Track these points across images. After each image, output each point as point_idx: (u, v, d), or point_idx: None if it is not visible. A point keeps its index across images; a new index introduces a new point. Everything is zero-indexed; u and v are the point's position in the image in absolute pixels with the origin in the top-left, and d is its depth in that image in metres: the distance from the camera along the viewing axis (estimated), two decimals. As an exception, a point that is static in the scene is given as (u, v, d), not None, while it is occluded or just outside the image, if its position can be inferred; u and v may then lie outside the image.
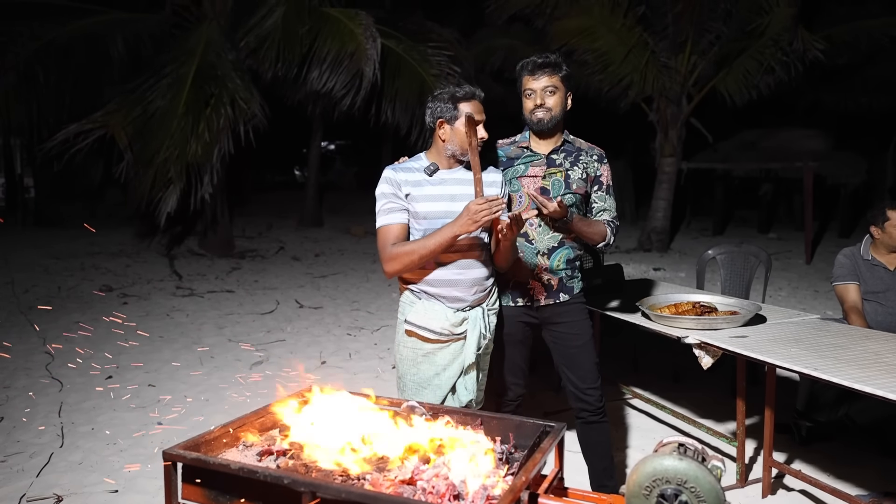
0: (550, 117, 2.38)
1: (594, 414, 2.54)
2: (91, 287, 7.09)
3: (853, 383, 1.94)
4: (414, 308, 2.29)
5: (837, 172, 10.79)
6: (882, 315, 3.25)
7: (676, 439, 1.37)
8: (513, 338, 2.54)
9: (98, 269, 8.02)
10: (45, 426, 3.57)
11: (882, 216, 3.27)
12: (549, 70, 2.35)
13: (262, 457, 1.56)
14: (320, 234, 11.56)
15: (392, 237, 2.21)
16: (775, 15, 8.24)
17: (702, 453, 1.34)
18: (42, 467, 3.09)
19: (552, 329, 2.55)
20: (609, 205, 2.51)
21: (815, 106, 12.43)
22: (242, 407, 3.84)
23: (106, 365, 4.58)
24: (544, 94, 2.37)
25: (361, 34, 7.22)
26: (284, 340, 5.31)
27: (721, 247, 4.18)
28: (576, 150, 2.50)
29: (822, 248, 10.08)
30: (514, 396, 2.60)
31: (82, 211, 12.42)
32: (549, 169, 2.45)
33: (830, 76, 11.20)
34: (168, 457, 1.45)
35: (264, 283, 7.59)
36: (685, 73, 9.29)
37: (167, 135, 7.38)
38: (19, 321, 5.71)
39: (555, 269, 2.47)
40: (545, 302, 2.48)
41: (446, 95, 2.24)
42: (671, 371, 4.27)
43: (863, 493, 2.76)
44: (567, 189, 2.44)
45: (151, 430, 3.54)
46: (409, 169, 2.30)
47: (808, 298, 6.97)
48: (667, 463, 1.22)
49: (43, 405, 3.86)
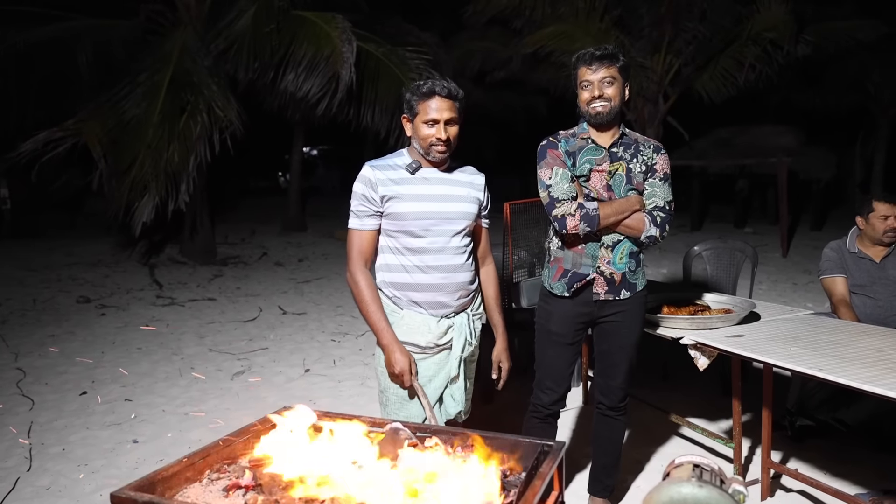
0: (609, 108, 2.19)
1: (613, 410, 2.42)
2: (67, 299, 6.79)
3: (862, 384, 1.80)
4: (395, 322, 2.10)
5: (809, 168, 10.82)
6: (870, 308, 3.13)
7: (691, 459, 1.20)
8: (563, 339, 2.34)
9: (75, 281, 7.70)
10: (13, 448, 3.32)
11: (868, 206, 3.16)
12: (606, 61, 2.17)
13: (229, 492, 1.36)
14: (304, 238, 11.32)
15: (362, 242, 2.10)
16: (759, 15, 8.19)
17: (719, 475, 1.18)
18: (6, 494, 2.85)
19: (604, 324, 2.35)
20: (662, 192, 2.26)
21: (786, 104, 12.48)
22: (223, 419, 3.64)
23: (81, 380, 4.35)
24: (602, 84, 2.18)
25: (338, 37, 7.00)
26: (267, 349, 5.09)
27: (707, 242, 4.05)
28: (634, 142, 2.30)
29: (796, 242, 10.08)
30: (548, 402, 2.39)
31: (60, 222, 12.02)
32: (613, 164, 2.26)
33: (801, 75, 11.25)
34: (116, 501, 1.24)
35: (247, 290, 7.33)
36: (662, 72, 9.22)
37: (142, 144, 7.08)
38: (-8, 337, 5.42)
39: (617, 263, 2.27)
40: (605, 297, 2.28)
41: (410, 91, 2.07)
42: (660, 368, 4.13)
43: (862, 491, 2.64)
44: (628, 184, 2.24)
45: (126, 448, 3.32)
46: (391, 166, 2.11)
47: (787, 291, 6.90)
48: (685, 491, 1.05)
49: (12, 425, 3.60)
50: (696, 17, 8.65)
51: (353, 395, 4.05)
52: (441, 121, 2.01)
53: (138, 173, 7.05)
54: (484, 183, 2.23)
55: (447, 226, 2.09)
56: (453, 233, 2.10)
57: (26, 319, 5.96)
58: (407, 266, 2.09)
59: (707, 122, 11.65)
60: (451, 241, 2.10)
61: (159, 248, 9.43)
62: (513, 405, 3.42)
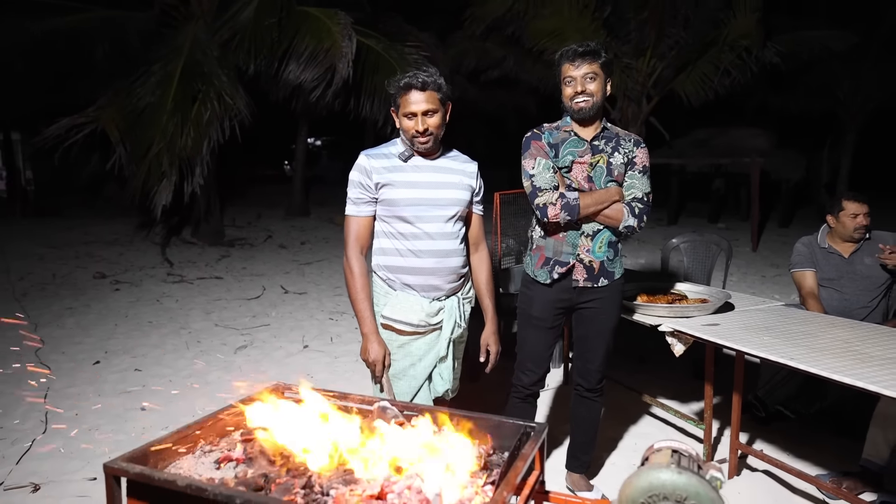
0: (592, 104, 2.12)
1: (590, 391, 2.38)
2: (84, 274, 6.69)
3: (832, 374, 1.74)
4: (389, 301, 2.04)
5: (780, 168, 10.77)
6: (837, 300, 3.09)
7: (669, 445, 1.14)
8: (543, 323, 2.29)
9: (92, 258, 7.60)
10: (30, 412, 3.28)
11: (838, 205, 3.10)
12: (589, 58, 2.09)
13: (221, 464, 1.29)
14: (306, 223, 11.22)
15: (359, 228, 2.03)
16: (735, 22, 8.10)
17: (697, 461, 1.12)
18: (22, 454, 2.81)
19: (582, 309, 2.29)
20: (640, 184, 2.19)
21: (762, 107, 12.39)
22: (226, 390, 3.58)
23: (94, 350, 4.28)
24: (584, 81, 2.10)
25: (338, 32, 6.87)
26: (269, 325, 5.02)
27: (684, 235, 3.99)
28: (615, 136, 2.23)
29: (765, 237, 10.05)
30: (528, 383, 2.35)
31: (80, 203, 11.91)
32: (594, 156, 2.19)
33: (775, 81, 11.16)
34: (109, 471, 1.17)
35: (252, 270, 7.24)
36: (646, 74, 9.11)
37: (157, 129, 6.96)
38: (13, 308, 5.33)
39: (597, 252, 2.20)
40: (584, 284, 2.22)
41: (391, 85, 1.99)
42: (637, 353, 4.09)
43: (822, 472, 2.60)
44: (609, 176, 2.18)
45: (135, 415, 3.27)
46: (385, 155, 2.03)
47: (756, 283, 6.86)
48: (664, 476, 0.99)
49: (30, 390, 3.55)
50: (680, 24, 8.54)
51: (348, 370, 3.99)
52: (419, 113, 1.93)
53: (155, 158, 6.93)
54: (476, 170, 2.16)
55: (438, 211, 2.02)
56: (445, 218, 2.03)
57: (46, 293, 5.88)
58: (401, 250, 2.03)
59: (687, 124, 11.57)
60: (442, 227, 2.03)
61: (176, 230, 9.32)
62: (498, 384, 3.38)
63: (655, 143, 11.12)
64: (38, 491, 2.50)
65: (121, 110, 7.12)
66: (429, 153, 2.04)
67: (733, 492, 2.48)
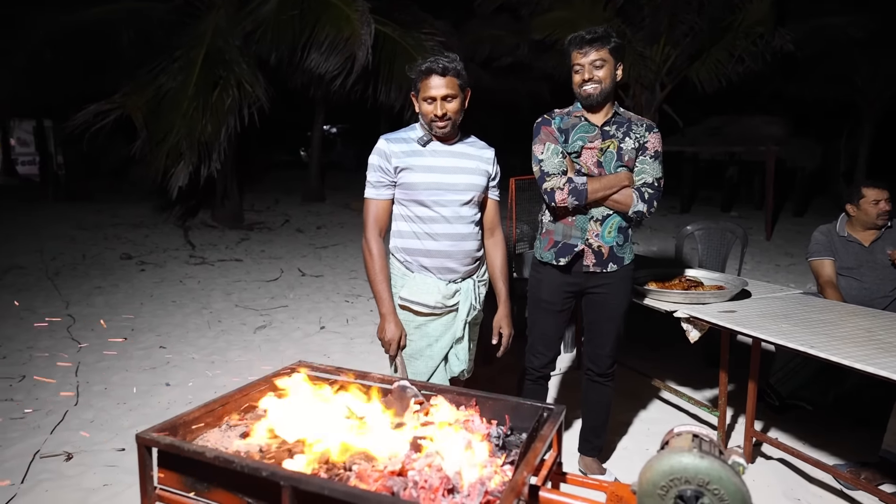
0: (599, 91, 2.07)
1: (601, 376, 2.36)
2: (112, 255, 6.79)
3: (854, 363, 1.70)
4: (407, 283, 2.02)
5: (795, 157, 10.54)
6: (857, 290, 3.01)
7: (689, 429, 1.12)
8: (552, 306, 2.26)
9: (119, 239, 7.69)
10: (62, 385, 3.35)
11: (858, 194, 3.02)
12: (597, 44, 2.03)
13: (245, 438, 1.30)
14: (322, 208, 11.24)
15: (378, 211, 2.02)
16: (749, 9, 7.88)
17: (718, 446, 1.09)
18: (56, 424, 2.89)
19: (591, 294, 2.26)
20: (651, 169, 2.12)
21: (776, 95, 12.09)
22: (245, 369, 3.62)
23: (122, 328, 4.34)
24: (592, 67, 2.05)
25: (357, 20, 6.81)
26: (287, 306, 5.05)
27: (699, 223, 3.91)
28: (627, 120, 2.17)
29: (779, 226, 9.87)
30: (539, 365, 2.34)
31: (107, 186, 12.05)
32: (605, 142, 2.14)
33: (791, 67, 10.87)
34: (141, 441, 1.18)
35: (270, 253, 7.28)
36: (659, 62, 8.93)
37: (178, 114, 6.99)
38: (46, 286, 5.44)
39: (606, 237, 2.17)
40: (593, 269, 2.19)
41: (412, 70, 1.97)
42: (651, 340, 4.04)
43: (839, 461, 2.55)
44: (619, 161, 2.13)
45: (159, 390, 3.32)
46: (404, 140, 2.01)
47: (770, 272, 6.75)
48: (686, 461, 0.97)
49: (62, 365, 3.64)
50: (695, 10, 8.34)
51: (364, 351, 4.01)
52: (438, 98, 1.91)
53: (174, 141, 6.97)
54: (493, 156, 2.13)
55: (455, 196, 2.00)
56: (461, 203, 2.01)
57: (76, 272, 5.97)
58: (418, 233, 2.02)
59: (701, 111, 11.35)
60: (459, 211, 2.01)
61: (193, 212, 9.40)
62: (510, 366, 3.37)
63: (669, 131, 10.95)
64: (71, 459, 2.56)
65: (145, 96, 7.16)
66: (447, 138, 2.01)
67: (747, 479, 2.45)
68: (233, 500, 1.13)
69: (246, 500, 1.12)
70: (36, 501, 2.27)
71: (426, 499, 1.05)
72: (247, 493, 1.12)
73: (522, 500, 1.04)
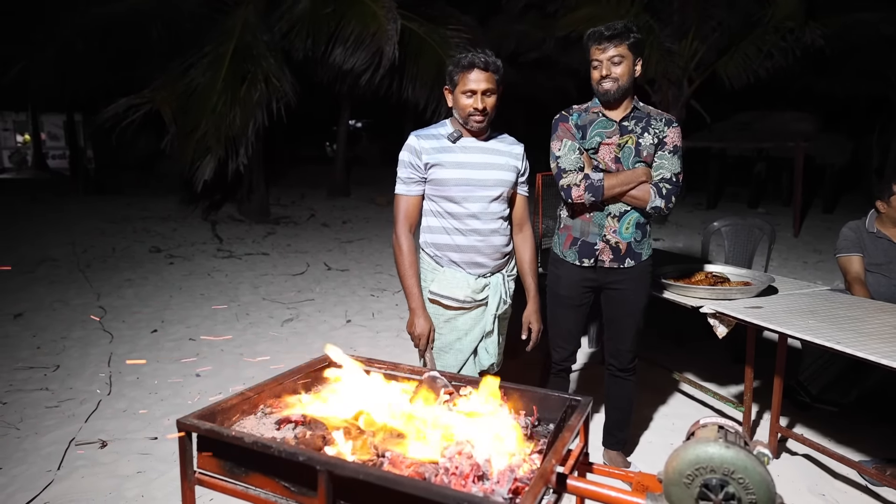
0: (617, 87, 2.07)
1: (622, 371, 2.37)
2: (141, 248, 6.96)
3: (881, 359, 1.68)
4: (437, 277, 2.06)
5: (825, 153, 10.30)
6: (885, 286, 2.96)
7: (715, 421, 1.13)
8: (571, 301, 2.28)
9: (148, 233, 7.88)
10: (96, 375, 3.45)
11: (888, 190, 2.96)
12: (616, 40, 2.03)
13: (281, 425, 1.35)
14: (348, 203, 11.34)
15: (408, 207, 2.05)
16: (778, 4, 7.72)
17: (743, 437, 1.11)
18: (91, 413, 2.97)
19: (610, 291, 2.27)
20: (670, 164, 2.10)
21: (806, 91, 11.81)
22: (273, 360, 3.69)
23: (152, 320, 4.46)
24: (610, 63, 2.05)
25: (383, 16, 6.85)
26: (313, 300, 5.13)
27: (726, 219, 3.87)
28: (646, 115, 2.17)
29: (808, 223, 9.67)
30: (559, 359, 2.37)
31: (136, 180, 12.30)
32: (623, 137, 2.14)
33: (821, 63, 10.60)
34: (182, 427, 1.24)
35: (296, 247, 7.39)
36: (687, 57, 8.80)
37: (207, 108, 7.12)
38: (78, 278, 5.60)
39: (623, 233, 2.17)
40: (610, 265, 2.20)
41: (452, 64, 2.00)
42: (675, 335, 4.02)
43: (864, 458, 2.53)
44: (637, 157, 2.13)
45: (190, 381, 3.40)
46: (434, 136, 2.04)
47: (797, 269, 6.63)
48: (711, 450, 0.98)
49: (95, 355, 3.74)
50: (724, 5, 8.19)
51: (389, 345, 4.06)
52: (478, 91, 1.93)
53: (202, 135, 7.09)
54: (523, 152, 2.15)
55: (484, 192, 2.02)
56: (490, 199, 2.04)
57: (107, 265, 6.13)
58: (448, 228, 2.05)
59: (729, 107, 11.14)
60: (488, 207, 2.04)
61: (219, 206, 9.56)
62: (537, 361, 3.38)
63: (696, 127, 10.78)
64: (106, 447, 2.64)
65: (175, 91, 7.29)
66: (479, 133, 2.04)
67: (772, 474, 2.44)
68: (270, 484, 1.18)
69: (282, 485, 1.17)
70: (72, 487, 2.33)
71: (457, 484, 1.09)
72: (283, 477, 1.17)
73: (551, 488, 1.07)
